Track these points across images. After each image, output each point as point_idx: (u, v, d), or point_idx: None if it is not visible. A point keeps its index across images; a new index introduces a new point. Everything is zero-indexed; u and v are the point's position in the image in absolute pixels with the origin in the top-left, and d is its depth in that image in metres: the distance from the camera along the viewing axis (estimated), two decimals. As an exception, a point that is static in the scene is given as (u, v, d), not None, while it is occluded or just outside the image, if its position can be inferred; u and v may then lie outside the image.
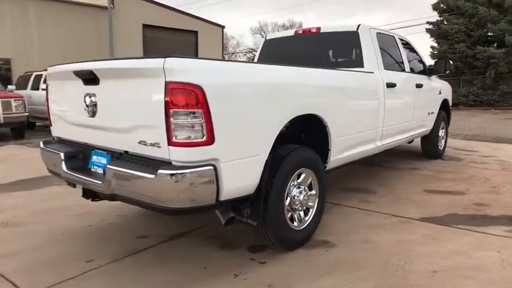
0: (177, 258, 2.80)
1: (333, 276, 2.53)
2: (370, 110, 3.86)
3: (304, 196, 2.88)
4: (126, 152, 2.43)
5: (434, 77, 5.70)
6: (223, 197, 2.21)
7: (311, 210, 3.03)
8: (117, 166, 2.25)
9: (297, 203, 2.84)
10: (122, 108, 2.32)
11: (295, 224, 2.87)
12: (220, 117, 2.10)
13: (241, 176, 2.32)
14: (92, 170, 2.64)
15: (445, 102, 6.11)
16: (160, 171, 2.02)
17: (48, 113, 3.11)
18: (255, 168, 2.43)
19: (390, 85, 4.12)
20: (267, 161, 2.49)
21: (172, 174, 2.01)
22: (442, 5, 22.60)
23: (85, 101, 2.54)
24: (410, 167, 5.73)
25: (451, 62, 5.31)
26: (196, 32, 24.52)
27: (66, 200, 4.16)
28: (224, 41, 29.44)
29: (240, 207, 2.54)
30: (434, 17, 23.17)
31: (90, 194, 2.64)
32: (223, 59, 2.57)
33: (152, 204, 2.16)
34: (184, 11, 23.96)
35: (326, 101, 3.07)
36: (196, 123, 2.02)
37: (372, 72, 3.93)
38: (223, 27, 27.08)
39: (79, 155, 2.76)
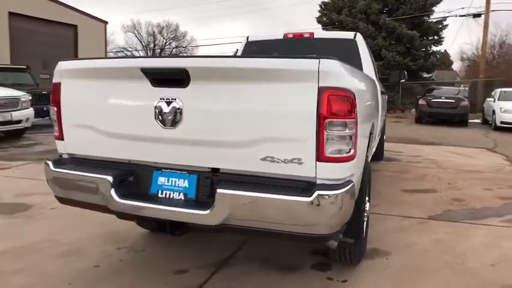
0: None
1: (421, 282, 2.59)
2: (376, 115, 4.09)
3: (367, 207, 2.89)
4: (215, 170, 2.04)
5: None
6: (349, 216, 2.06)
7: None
8: (241, 190, 1.86)
9: (365, 215, 2.83)
10: (231, 117, 1.93)
11: (364, 235, 2.85)
12: (359, 128, 1.95)
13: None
14: (160, 196, 2.13)
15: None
16: (318, 192, 1.76)
17: (59, 123, 2.37)
18: (358, 183, 2.33)
19: (383, 92, 4.43)
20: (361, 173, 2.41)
21: (329, 196, 1.78)
22: (324, 19, 25.25)
23: (157, 108, 2.03)
24: (368, 169, 6.24)
25: (405, 72, 5.99)
26: (75, 26, 21.96)
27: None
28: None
29: None
30: (319, 29, 25.74)
31: (171, 227, 2.11)
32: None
33: (292, 233, 1.86)
34: (62, 1, 21.20)
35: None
36: (349, 135, 1.84)
37: (374, 80, 4.16)
38: (106, 22, 24.94)
39: (129, 178, 2.20)
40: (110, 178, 2.10)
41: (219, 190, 1.88)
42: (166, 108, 2.01)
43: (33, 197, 4.43)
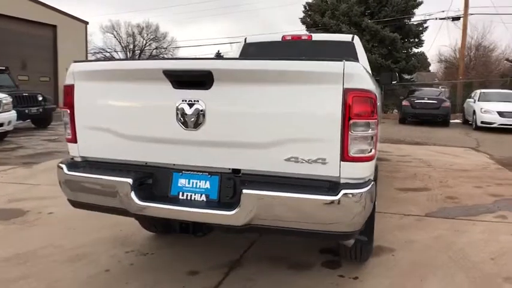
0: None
1: (428, 278, 2.69)
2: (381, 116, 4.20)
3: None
4: (236, 171, 2.08)
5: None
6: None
7: (371, 218, 3.13)
8: (267, 191, 1.90)
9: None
10: (255, 119, 1.97)
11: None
12: (377, 129, 2.02)
13: None
14: (181, 197, 2.14)
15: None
16: (344, 191, 1.82)
17: (72, 126, 2.35)
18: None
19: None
20: None
21: (354, 194, 1.84)
22: (308, 20, 25.55)
23: (179, 109, 2.04)
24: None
25: (397, 74, 6.15)
26: (54, 27, 21.48)
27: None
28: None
29: None
30: (303, 31, 26.02)
31: (193, 228, 2.13)
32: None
33: (316, 231, 1.91)
34: (41, 0, 20.70)
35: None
36: (370, 135, 1.91)
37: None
38: (86, 23, 24.52)
39: (148, 181, 2.20)
40: (129, 181, 2.10)
41: (244, 191, 1.91)
42: (188, 110, 2.02)
43: (26, 202, 4.34)
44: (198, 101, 2.01)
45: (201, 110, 2.01)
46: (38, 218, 3.86)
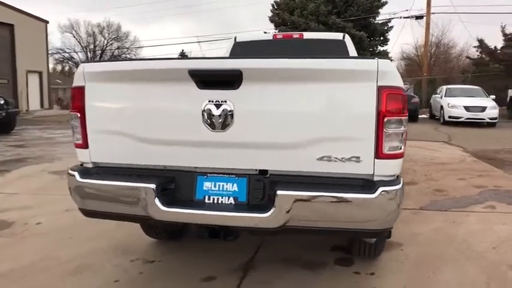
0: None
1: (441, 270, 2.77)
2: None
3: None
4: (263, 172, 2.04)
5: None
6: None
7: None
8: (302, 191, 1.87)
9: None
10: (286, 119, 1.93)
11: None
12: (405, 125, 2.05)
13: None
14: (207, 201, 2.07)
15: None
16: (382, 188, 1.82)
17: (83, 130, 2.21)
18: None
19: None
20: None
21: (388, 192, 1.85)
22: (277, 18, 25.73)
23: (205, 111, 1.97)
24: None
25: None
26: (12, 26, 20.37)
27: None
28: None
29: None
30: (272, 29, 26.15)
31: (222, 232, 2.06)
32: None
33: (350, 230, 1.91)
34: (-4, -3, 19.55)
35: None
36: (401, 132, 1.92)
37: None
38: (46, 22, 23.44)
39: (171, 185, 2.12)
40: (153, 186, 2.00)
41: (279, 192, 1.87)
42: (216, 111, 1.95)
43: (10, 213, 4.08)
44: (225, 102, 1.95)
45: (230, 111, 1.95)
46: (26, 229, 3.63)
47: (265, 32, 24.10)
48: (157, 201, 2.00)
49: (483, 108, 13.20)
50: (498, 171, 6.16)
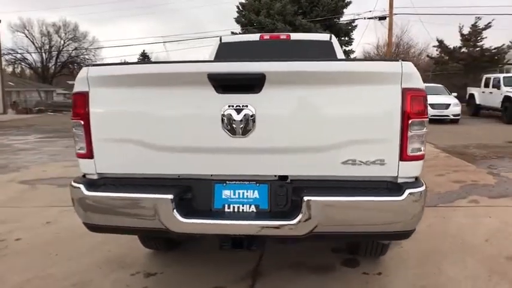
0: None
1: (443, 265, 2.85)
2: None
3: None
4: (283, 177, 2.01)
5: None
6: None
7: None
8: (328, 196, 1.84)
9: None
10: (310, 122, 1.90)
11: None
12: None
13: None
14: (227, 210, 2.00)
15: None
16: (409, 191, 1.84)
17: (87, 139, 2.06)
18: None
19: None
20: None
21: (414, 193, 1.87)
22: (243, 19, 25.69)
23: (225, 116, 1.90)
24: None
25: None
26: (-41, 25, 18.97)
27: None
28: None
29: None
30: (238, 29, 26.07)
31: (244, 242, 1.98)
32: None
33: (377, 233, 1.91)
34: None
35: None
36: (423, 134, 1.95)
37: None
38: (-2, 21, 22.06)
39: (187, 195, 2.03)
40: (170, 197, 1.90)
41: (306, 198, 1.84)
42: (236, 116, 1.89)
43: (-17, 229, 3.77)
44: (247, 106, 1.89)
45: (251, 115, 1.89)
46: (6, 247, 3.37)
47: (232, 33, 24.02)
48: (175, 212, 1.90)
49: (447, 106, 13.84)
50: (471, 166, 6.47)
